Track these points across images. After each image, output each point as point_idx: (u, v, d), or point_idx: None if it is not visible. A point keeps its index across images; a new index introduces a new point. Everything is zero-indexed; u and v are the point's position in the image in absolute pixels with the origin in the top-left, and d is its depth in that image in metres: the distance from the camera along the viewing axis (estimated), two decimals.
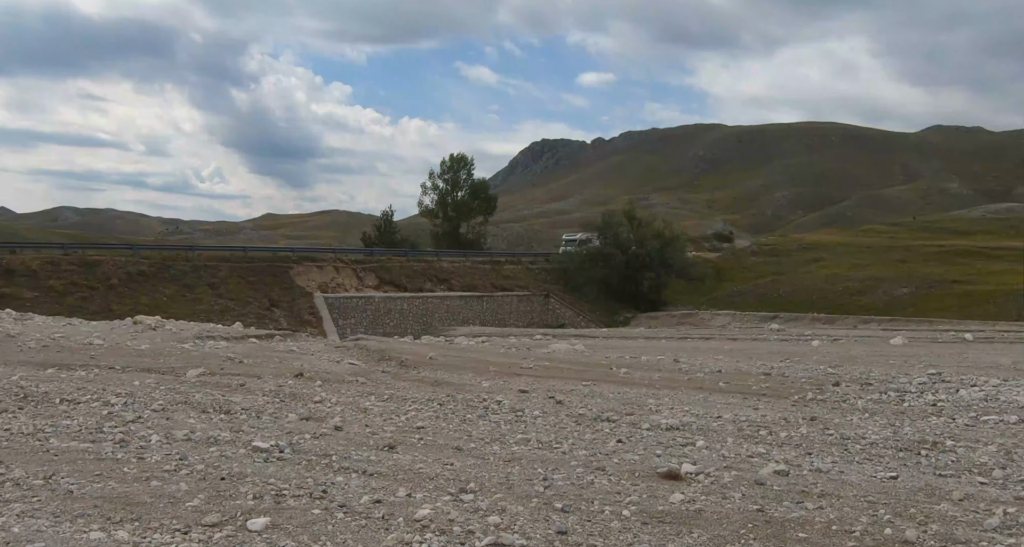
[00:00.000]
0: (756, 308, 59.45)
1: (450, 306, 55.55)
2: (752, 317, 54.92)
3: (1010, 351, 23.50)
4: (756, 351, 23.46)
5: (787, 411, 8.52)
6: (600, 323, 57.88)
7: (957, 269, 63.18)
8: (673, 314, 60.06)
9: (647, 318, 59.12)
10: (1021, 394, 9.46)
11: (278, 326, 41.36)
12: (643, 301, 63.25)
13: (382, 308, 52.16)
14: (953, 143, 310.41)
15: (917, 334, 34.19)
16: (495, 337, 34.08)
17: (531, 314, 59.85)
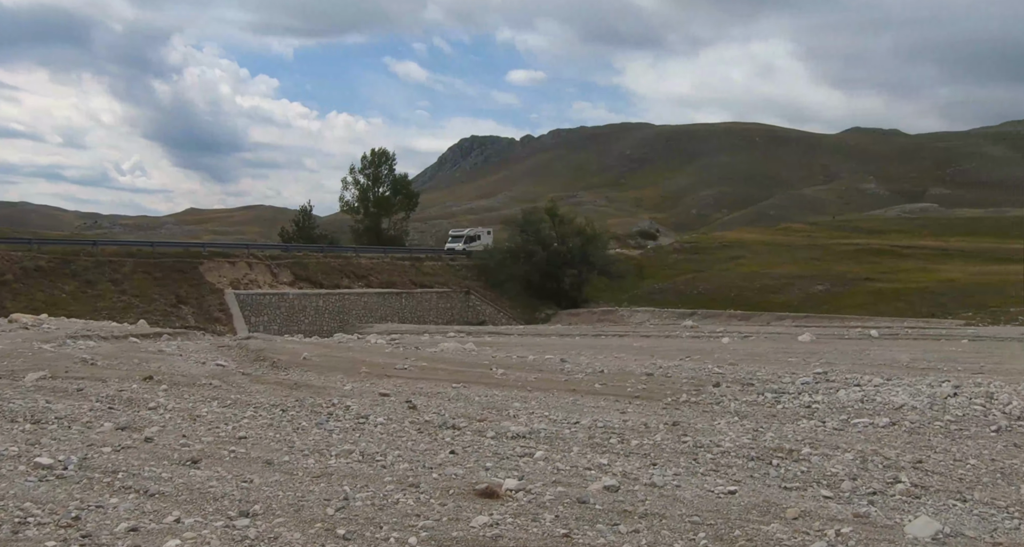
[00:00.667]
0: (676, 305, 59.75)
1: (367, 303, 54.46)
2: (671, 314, 55.11)
3: (911, 348, 23.64)
4: (662, 349, 23.17)
5: (653, 415, 8.01)
6: (521, 320, 57.53)
7: (870, 267, 64.49)
8: (594, 311, 59.99)
9: (568, 315, 58.92)
10: (899, 394, 9.13)
11: (185, 324, 39.91)
12: (565, 298, 63.10)
13: (297, 305, 50.87)
14: (871, 145, 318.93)
15: (826, 331, 34.47)
16: (408, 334, 33.31)
17: (451, 311, 59.14)
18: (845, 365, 15.29)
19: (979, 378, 11.26)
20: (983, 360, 18.78)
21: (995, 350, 22.64)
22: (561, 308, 61.47)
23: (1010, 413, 8.06)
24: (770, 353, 21.13)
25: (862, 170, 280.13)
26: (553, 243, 64.24)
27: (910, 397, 8.86)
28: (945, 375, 13.03)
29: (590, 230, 66.14)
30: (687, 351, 21.78)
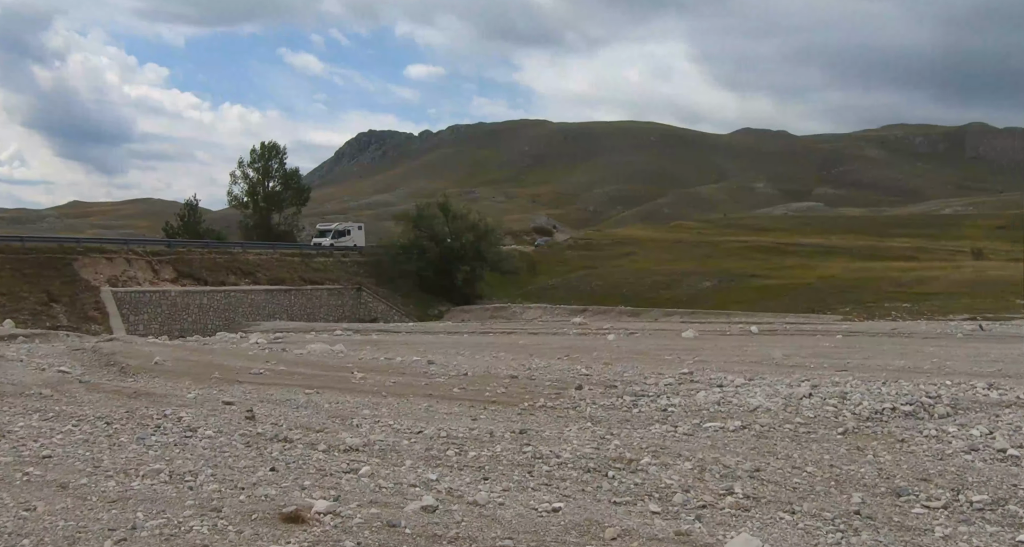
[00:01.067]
0: (568, 301, 60.07)
1: (254, 300, 52.91)
2: (563, 310, 55.32)
3: (786, 344, 24.16)
4: (544, 347, 23.08)
5: (504, 422, 7.71)
6: (414, 317, 56.92)
7: (756, 264, 66.20)
8: (486, 307, 59.80)
9: (461, 311, 58.58)
10: (756, 395, 9.07)
11: (56, 324, 37.95)
12: (458, 294, 62.75)
13: (179, 303, 49.01)
14: (761, 145, 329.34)
15: (710, 327, 35.10)
16: (292, 333, 32.41)
17: (342, 308, 58.05)
18: (718, 363, 15.38)
19: (839, 376, 11.37)
20: (852, 356, 19.25)
21: (865, 345, 23.31)
22: (454, 304, 61.11)
23: (859, 414, 8.06)
24: (652, 350, 21.22)
25: (752, 170, 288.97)
26: (447, 239, 63.80)
27: (766, 398, 8.81)
28: (811, 372, 13.19)
29: (483, 226, 65.96)
30: (569, 349, 21.69)
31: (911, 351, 20.72)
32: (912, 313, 41.48)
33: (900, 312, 41.98)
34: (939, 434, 7.10)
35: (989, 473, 5.73)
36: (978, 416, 8.04)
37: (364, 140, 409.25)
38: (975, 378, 11.88)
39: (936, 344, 23.57)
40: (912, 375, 12.58)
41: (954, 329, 29.93)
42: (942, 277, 52.71)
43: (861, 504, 4.96)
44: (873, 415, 8.03)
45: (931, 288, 49.21)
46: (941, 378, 11.84)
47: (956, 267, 57.33)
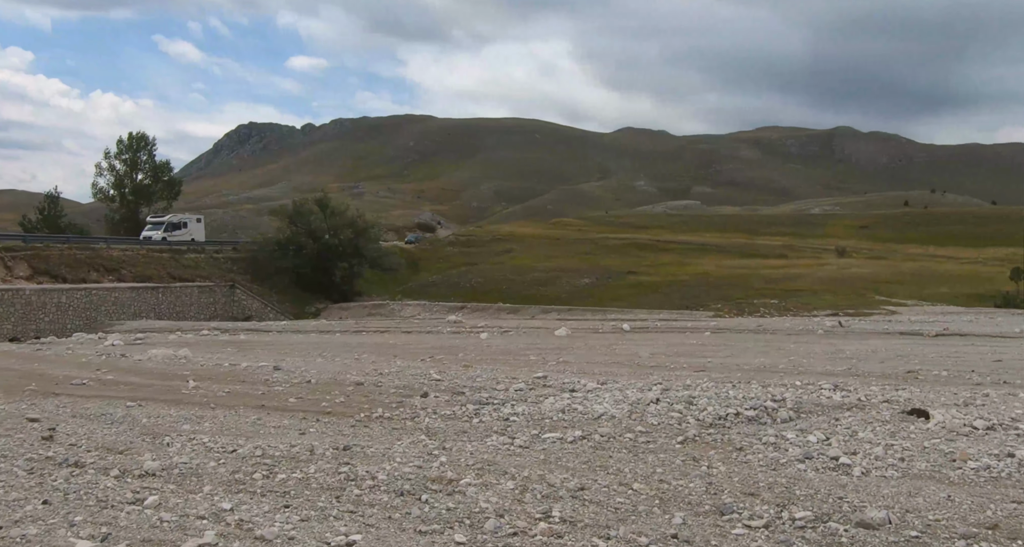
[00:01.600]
0: (448, 298, 59.82)
1: (119, 298, 50.41)
2: (441, 307, 54.90)
3: (655, 341, 24.37)
4: (411, 347, 22.57)
5: (331, 436, 7.20)
6: (290, 315, 55.52)
7: (634, 261, 67.34)
8: (365, 305, 58.87)
9: (339, 309, 57.46)
10: (605, 401, 8.82)
11: None
12: (336, 292, 61.63)
13: (35, 302, 46.24)
14: (642, 144, 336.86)
15: (584, 324, 35.24)
16: (155, 334, 30.90)
17: (214, 306, 56.06)
18: (580, 364, 15.21)
19: (692, 379, 11.28)
20: (716, 354, 19.48)
21: (731, 343, 23.72)
22: (333, 302, 60.01)
23: (703, 420, 7.88)
24: (520, 350, 20.99)
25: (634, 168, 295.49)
26: (325, 235, 62.49)
27: (613, 405, 8.56)
28: (670, 373, 13.12)
29: (362, 222, 64.94)
30: (437, 350, 21.25)
31: (773, 348, 21.13)
32: (779, 309, 42.77)
33: (768, 308, 43.23)
34: (777, 441, 6.96)
35: (818, 484, 5.57)
36: (819, 420, 7.98)
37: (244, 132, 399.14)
38: (825, 377, 12.02)
39: (798, 341, 24.18)
40: (767, 375, 12.65)
41: (816, 326, 30.91)
42: (808, 274, 54.69)
43: (681, 525, 4.69)
44: (716, 421, 7.87)
45: (798, 285, 50.95)
46: (793, 378, 11.92)
47: (821, 265, 59.64)
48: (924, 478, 5.85)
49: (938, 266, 59.47)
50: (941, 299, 45.06)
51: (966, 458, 6.23)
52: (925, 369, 13.33)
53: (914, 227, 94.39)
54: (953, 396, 9.53)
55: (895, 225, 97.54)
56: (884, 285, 49.82)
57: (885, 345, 21.78)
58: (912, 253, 71.75)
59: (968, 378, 12.10)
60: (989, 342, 22.90)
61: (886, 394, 9.54)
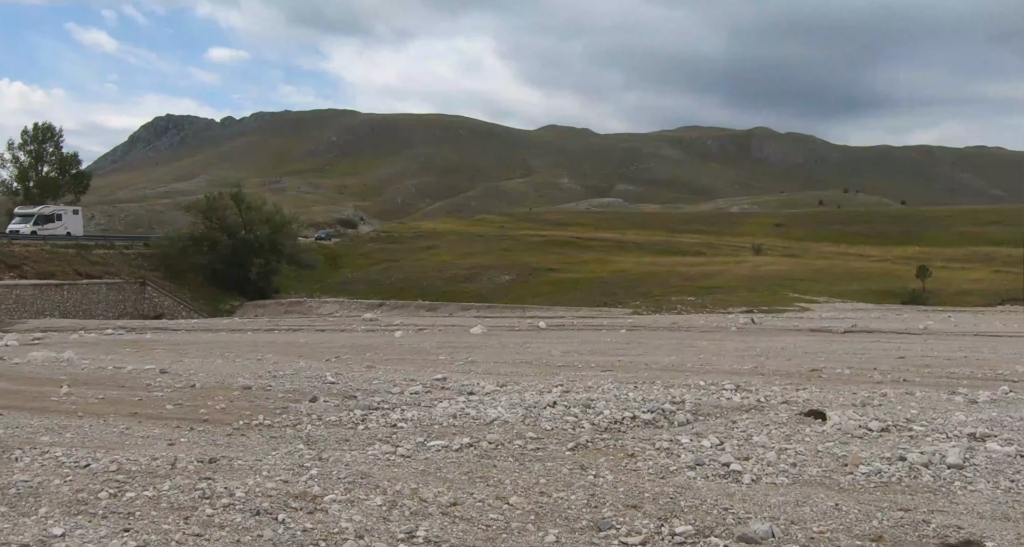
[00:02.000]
0: (368, 295, 59.05)
1: (20, 296, 48.32)
2: (360, 305, 54.14)
3: (570, 340, 24.22)
4: (322, 346, 21.98)
5: (200, 447, 6.71)
6: (204, 313, 54.03)
7: (555, 258, 67.37)
8: (281, 302, 57.68)
9: (254, 307, 56.15)
10: (501, 405, 8.49)
11: None
12: (252, 289, 60.19)
13: None
14: (565, 142, 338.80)
15: (501, 322, 34.95)
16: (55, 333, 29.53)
17: (124, 304, 54.24)
18: (488, 364, 14.90)
19: (594, 380, 11.06)
20: (628, 352, 19.38)
21: (644, 341, 23.71)
22: (249, 299, 58.61)
23: (598, 425, 7.62)
24: (432, 349, 20.60)
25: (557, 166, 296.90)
26: (240, 231, 61.06)
27: (508, 409, 8.23)
28: (577, 373, 12.88)
29: (279, 217, 63.60)
30: (347, 349, 20.73)
31: (685, 346, 21.17)
32: (696, 306, 43.19)
33: (686, 306, 43.63)
34: (671, 446, 6.72)
35: (706, 493, 5.33)
36: (716, 423, 7.79)
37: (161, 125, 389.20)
38: (731, 377, 11.92)
39: (711, 338, 24.29)
40: (673, 374, 12.51)
41: (730, 323, 31.20)
42: (725, 272, 55.42)
43: (555, 544, 4.38)
44: (612, 425, 7.61)
45: (715, 282, 51.57)
46: (698, 377, 11.79)
47: (738, 262, 60.52)
48: (814, 485, 5.67)
49: (849, 264, 60.96)
50: (852, 296, 46.06)
51: (858, 462, 6.08)
52: (829, 367, 13.37)
53: (827, 226, 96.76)
54: (852, 396, 9.48)
55: (809, 224, 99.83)
56: (798, 282, 50.77)
57: (795, 342, 22.01)
58: (825, 251, 73.44)
59: (870, 376, 12.14)
60: (895, 339, 23.33)
61: (786, 394, 9.44)
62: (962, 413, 8.04)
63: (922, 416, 7.88)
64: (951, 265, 59.82)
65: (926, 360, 16.06)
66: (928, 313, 36.23)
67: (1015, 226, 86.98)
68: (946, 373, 12.74)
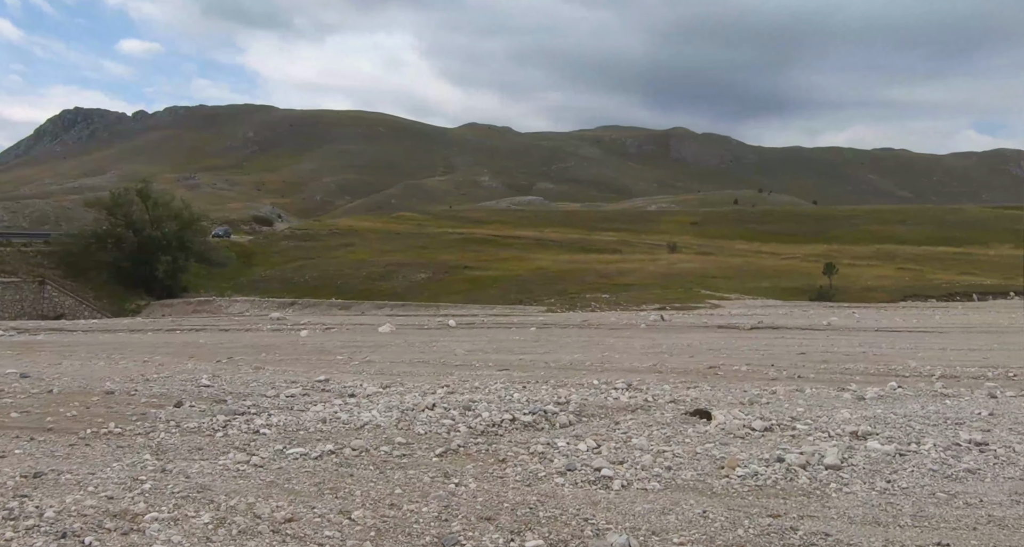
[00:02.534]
0: (281, 294, 57.89)
1: None
2: (271, 303, 52.95)
3: (477, 338, 23.83)
4: (224, 346, 21.18)
5: (36, 459, 6.11)
6: (108, 312, 52.12)
7: (473, 255, 66.98)
8: (190, 301, 55.99)
9: (161, 306, 54.38)
10: (377, 408, 8.04)
11: None
12: (160, 287, 58.31)
13: None
14: (486, 140, 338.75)
15: (412, 320, 34.40)
16: None
17: (22, 304, 52.04)
18: (384, 364, 14.42)
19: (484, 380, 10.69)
20: (533, 350, 19.08)
21: (552, 338, 23.46)
22: (156, 298, 56.72)
23: (475, 428, 7.23)
24: (335, 348, 20.02)
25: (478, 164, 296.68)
26: (146, 228, 59.10)
27: (383, 412, 7.78)
28: (472, 373, 12.50)
29: (188, 214, 61.78)
30: (246, 349, 20.01)
31: (592, 344, 21.00)
32: (610, 304, 43.27)
33: (600, 303, 43.68)
34: (546, 450, 6.38)
35: (570, 502, 4.99)
36: (599, 424, 7.48)
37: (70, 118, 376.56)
38: (629, 374, 11.69)
39: (618, 335, 24.20)
40: (571, 372, 12.24)
41: (640, 320, 31.22)
42: (640, 269, 55.79)
43: None
44: (489, 429, 7.23)
45: (630, 280, 51.84)
46: (595, 376, 11.53)
47: (653, 260, 61.03)
48: (686, 490, 5.38)
49: (761, 261, 62.04)
50: (762, 293, 46.78)
51: (735, 465, 5.82)
52: (728, 364, 13.27)
53: (741, 224, 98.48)
54: (743, 394, 9.30)
55: (724, 222, 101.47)
56: (710, 280, 51.37)
57: (701, 339, 22.03)
58: (739, 249, 74.64)
59: (765, 373, 12.05)
60: (798, 335, 23.57)
61: (676, 393, 9.21)
62: (848, 410, 7.90)
63: (808, 414, 7.71)
64: (858, 262, 61.38)
65: (825, 356, 16.14)
66: (833, 309, 36.92)
67: (918, 225, 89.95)
68: (841, 369, 12.75)
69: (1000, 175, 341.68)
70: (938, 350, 17.80)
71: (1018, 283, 48.27)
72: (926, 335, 22.94)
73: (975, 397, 9.06)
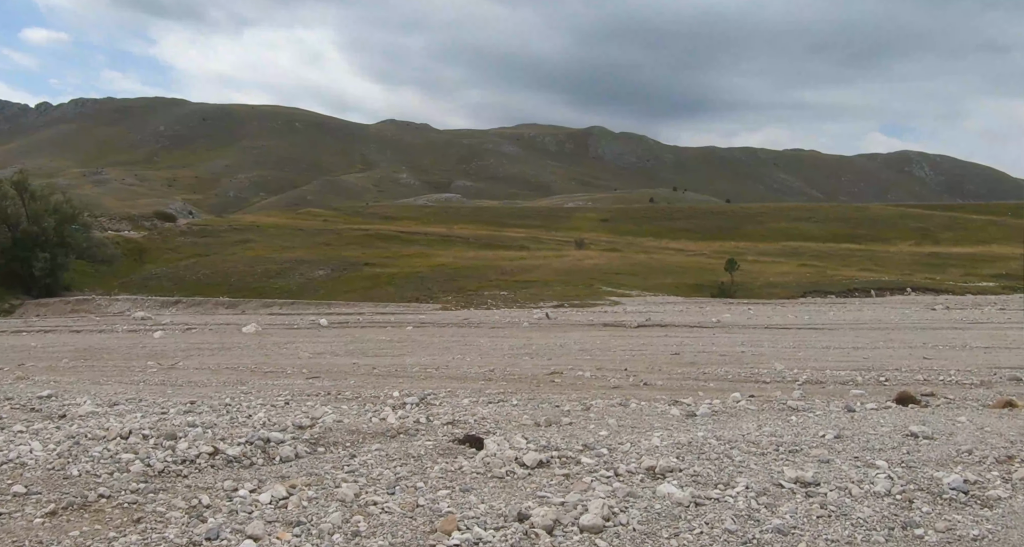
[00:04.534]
0: (170, 292, 54.96)
1: None
2: (154, 302, 50.10)
3: (339, 338, 21.88)
4: (45, 350, 18.87)
5: None
6: None
7: (377, 252, 64.82)
8: (68, 300, 52.53)
9: (37, 305, 50.84)
10: (53, 439, 6.10)
11: None
12: (38, 285, 54.56)
13: None
14: (405, 137, 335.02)
15: (286, 319, 32.21)
16: None
17: None
18: (189, 372, 12.45)
19: (233, 398, 8.80)
20: (390, 351, 17.37)
21: (423, 338, 21.66)
22: (33, 297, 53.06)
23: (152, 467, 5.35)
24: (175, 352, 18.04)
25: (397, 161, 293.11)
26: (22, 223, 55.30)
27: (49, 443, 5.85)
28: (280, 381, 10.68)
29: (69, 208, 58.04)
30: (72, 353, 17.91)
31: (459, 344, 19.27)
32: (507, 301, 41.67)
33: (496, 300, 42.04)
34: (213, 502, 4.55)
35: None
36: (332, 458, 5.65)
37: None
38: (456, 382, 10.01)
39: (494, 335, 22.50)
40: (384, 380, 10.49)
41: (525, 318, 29.60)
42: (544, 265, 54.37)
43: None
44: (173, 467, 5.35)
45: (532, 276, 50.39)
46: (415, 383, 9.79)
47: (559, 256, 59.69)
48: None
49: (668, 258, 61.17)
50: (665, 289, 45.70)
51: (450, 528, 4.06)
52: (574, 368, 11.63)
53: (652, 221, 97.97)
54: (552, 410, 7.58)
55: (635, 219, 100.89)
56: (614, 276, 50.12)
57: (579, 338, 20.46)
58: (648, 246, 73.87)
59: (609, 380, 10.44)
60: (683, 333, 22.20)
61: (469, 411, 7.44)
62: (663, 433, 6.23)
63: (610, 439, 6.02)
64: (762, 259, 60.96)
65: (697, 357, 14.71)
66: (731, 306, 35.95)
67: (824, 223, 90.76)
68: (699, 374, 11.23)
69: (905, 177, 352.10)
70: (821, 349, 16.56)
71: (916, 279, 48.27)
72: (813, 332, 21.78)
73: (828, 411, 7.49)
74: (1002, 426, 6.49)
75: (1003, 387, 9.54)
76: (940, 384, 9.93)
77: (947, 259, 62.63)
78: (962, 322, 26.26)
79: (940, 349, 16.37)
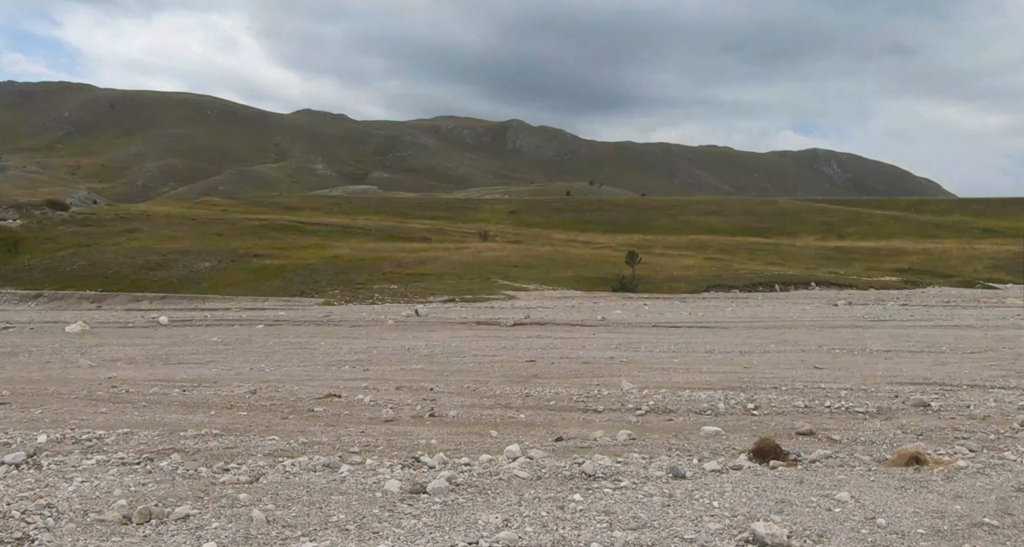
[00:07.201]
0: (42, 284, 51.00)
1: None
2: (12, 296, 46.33)
3: (163, 340, 18.98)
4: None
5: None
6: None
7: (269, 243, 61.41)
8: None
9: None
10: None
11: None
12: None
13: None
14: (321, 127, 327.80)
15: (125, 317, 28.99)
16: None
17: None
18: None
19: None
20: (213, 357, 14.69)
21: (262, 340, 18.88)
22: None
23: None
24: None
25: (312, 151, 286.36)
26: None
27: None
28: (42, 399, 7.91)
29: None
30: None
31: (297, 346, 16.65)
32: (396, 295, 39.04)
33: (385, 294, 39.37)
34: None
35: None
36: None
37: None
38: (176, 411, 7.40)
39: (346, 335, 19.84)
40: (95, 407, 7.79)
41: (391, 315, 26.98)
42: (443, 258, 51.83)
43: None
44: None
45: (428, 269, 47.82)
46: (115, 415, 7.13)
47: (460, 249, 57.16)
48: None
49: (572, 251, 59.14)
50: (565, 283, 43.57)
51: None
52: (369, 386, 9.13)
53: (562, 213, 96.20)
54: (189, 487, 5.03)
55: (544, 211, 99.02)
56: (514, 269, 47.83)
57: (439, 339, 18.01)
58: (555, 238, 71.92)
59: (385, 411, 7.94)
60: (562, 332, 19.91)
61: None
62: None
63: None
64: (669, 252, 59.47)
65: (552, 366, 12.42)
66: (628, 301, 33.97)
67: (732, 216, 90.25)
68: (524, 396, 8.79)
69: (814, 174, 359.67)
70: (702, 353, 14.42)
71: (820, 273, 47.14)
72: (703, 332, 19.71)
73: (643, 480, 4.83)
74: (904, 510, 4.18)
75: (907, 417, 7.30)
76: (826, 413, 7.61)
77: (851, 253, 62.20)
78: (863, 319, 24.65)
79: (836, 354, 14.38)
